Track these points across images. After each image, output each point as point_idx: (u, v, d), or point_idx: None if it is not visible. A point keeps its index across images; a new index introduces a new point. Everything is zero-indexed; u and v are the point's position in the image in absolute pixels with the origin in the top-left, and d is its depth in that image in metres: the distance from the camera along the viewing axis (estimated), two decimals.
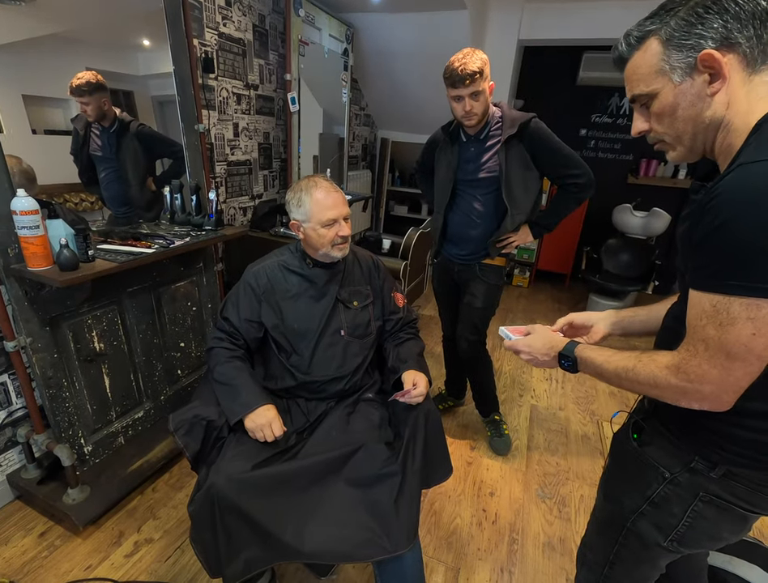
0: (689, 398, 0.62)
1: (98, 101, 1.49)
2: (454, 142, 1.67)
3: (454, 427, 2.09)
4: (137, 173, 1.69)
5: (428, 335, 3.03)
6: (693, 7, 0.58)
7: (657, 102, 0.65)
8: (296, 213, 1.19)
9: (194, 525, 1.02)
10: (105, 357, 1.58)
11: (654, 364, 0.65)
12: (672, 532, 0.75)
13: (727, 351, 0.56)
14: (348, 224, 1.21)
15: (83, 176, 1.56)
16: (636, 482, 0.79)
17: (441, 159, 1.73)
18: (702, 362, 0.59)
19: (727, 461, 0.67)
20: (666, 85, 0.63)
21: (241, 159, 2.40)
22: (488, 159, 1.60)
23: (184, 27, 1.70)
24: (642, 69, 0.65)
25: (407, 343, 1.34)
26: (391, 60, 3.22)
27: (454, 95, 1.50)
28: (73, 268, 1.24)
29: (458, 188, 1.70)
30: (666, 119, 0.66)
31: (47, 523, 1.48)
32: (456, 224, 1.75)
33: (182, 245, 1.58)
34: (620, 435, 0.86)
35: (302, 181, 1.20)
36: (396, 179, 4.32)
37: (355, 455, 1.08)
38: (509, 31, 3.19)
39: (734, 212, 0.53)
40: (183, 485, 1.67)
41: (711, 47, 0.58)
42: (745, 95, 0.60)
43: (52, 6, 1.43)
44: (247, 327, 1.23)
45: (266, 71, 2.45)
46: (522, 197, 1.62)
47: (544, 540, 1.53)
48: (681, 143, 0.68)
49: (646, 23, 0.63)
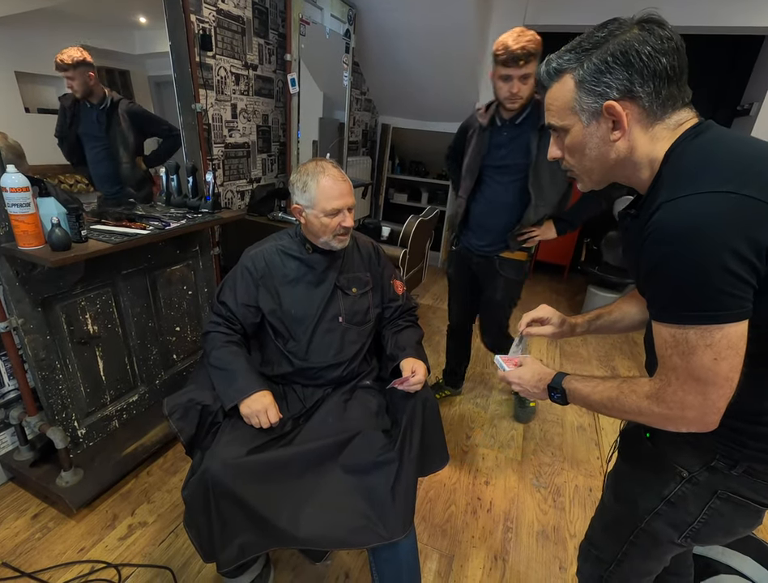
0: (676, 424, 0.63)
1: (83, 76, 1.45)
2: (488, 126, 1.61)
3: (450, 416, 2.09)
4: (126, 152, 1.65)
5: (425, 325, 3.02)
6: (604, 55, 0.60)
7: (569, 137, 0.68)
8: (300, 197, 1.15)
9: (188, 509, 1.01)
10: (99, 340, 1.56)
11: (635, 395, 0.65)
12: (687, 529, 0.74)
13: (696, 377, 0.58)
14: (352, 215, 1.18)
15: (72, 156, 1.52)
16: (651, 482, 0.77)
17: (473, 140, 1.68)
18: (677, 390, 0.60)
19: (748, 458, 0.67)
20: (576, 123, 0.66)
21: (239, 141, 2.35)
22: (519, 146, 1.55)
23: (181, 2, 1.64)
24: (558, 102, 0.67)
25: (406, 331, 1.32)
26: (394, 43, 3.15)
27: (503, 74, 1.43)
28: (65, 248, 1.21)
29: (484, 173, 1.65)
30: (576, 154, 0.69)
31: (40, 505, 1.47)
32: (478, 212, 1.71)
33: (178, 227, 1.55)
34: (629, 433, 0.84)
35: (309, 165, 1.16)
36: (396, 166, 4.27)
37: (351, 442, 1.07)
38: (514, 15, 3.11)
39: (667, 252, 0.56)
40: (177, 469, 1.66)
41: (615, 97, 0.61)
42: (648, 141, 0.63)
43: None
44: (244, 312, 1.21)
45: (266, 51, 2.39)
46: (548, 189, 1.57)
47: (538, 529, 1.54)
48: (590, 178, 0.71)
49: (565, 57, 0.64)
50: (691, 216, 0.54)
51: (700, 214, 0.54)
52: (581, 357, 2.80)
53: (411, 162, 4.37)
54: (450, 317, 2.06)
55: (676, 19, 2.75)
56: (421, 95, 3.62)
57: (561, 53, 0.65)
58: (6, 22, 1.33)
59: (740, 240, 0.52)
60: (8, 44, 1.34)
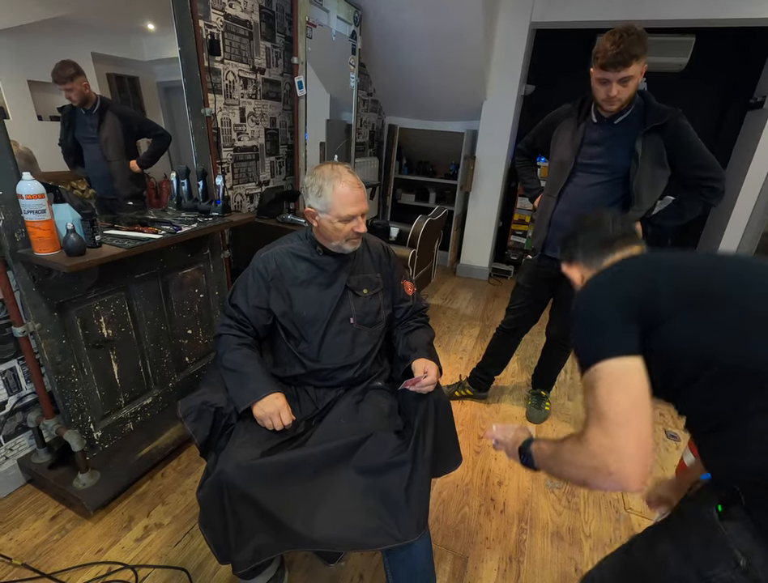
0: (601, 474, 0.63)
1: (80, 85, 1.50)
2: (581, 122, 1.57)
3: (462, 416, 2.08)
4: (118, 152, 1.70)
5: (435, 324, 3.01)
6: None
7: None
8: (315, 201, 1.14)
9: (203, 511, 1.02)
10: (113, 343, 1.57)
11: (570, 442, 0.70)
12: None
13: (599, 412, 0.64)
14: (364, 219, 1.18)
15: (68, 158, 1.56)
16: (697, 554, 0.66)
17: (562, 136, 1.62)
18: (592, 428, 0.65)
19: None
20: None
21: (248, 144, 2.37)
22: (617, 146, 1.50)
23: (190, 8, 1.66)
24: None
25: (417, 331, 1.32)
26: (400, 43, 3.15)
27: (599, 77, 1.38)
28: (80, 253, 1.23)
29: (575, 171, 1.59)
30: None
31: (58, 507, 1.49)
32: (561, 212, 1.64)
33: (189, 231, 1.57)
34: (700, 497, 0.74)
35: (325, 168, 1.14)
36: (404, 167, 4.26)
37: (364, 443, 1.07)
38: (521, 14, 3.10)
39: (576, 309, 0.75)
40: (192, 471, 1.67)
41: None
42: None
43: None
44: (256, 314, 1.22)
45: (273, 54, 2.40)
46: (647, 194, 1.51)
47: (552, 530, 1.52)
48: None
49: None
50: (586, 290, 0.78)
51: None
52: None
53: (419, 162, 4.36)
54: (506, 319, 2.00)
55: (687, 12, 2.72)
56: (428, 95, 3.62)
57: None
58: (20, 31, 1.35)
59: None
60: (21, 53, 1.37)
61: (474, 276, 4.02)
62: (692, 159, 1.46)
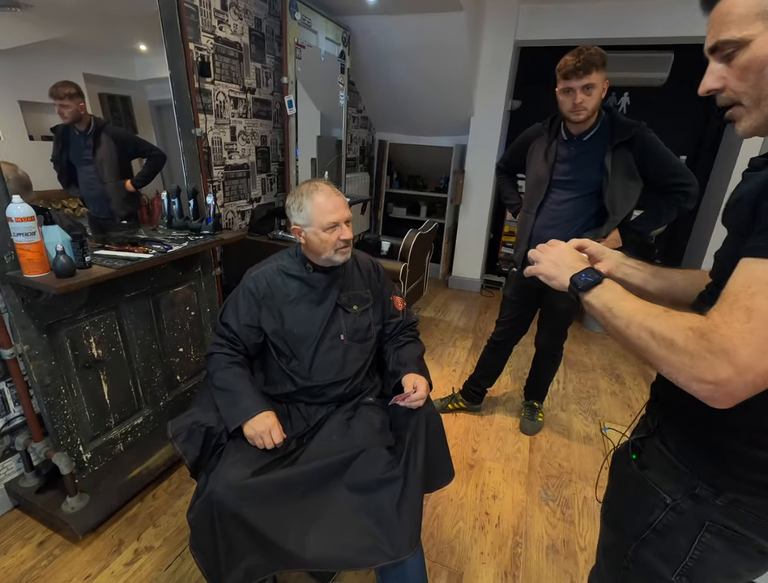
0: (697, 372, 0.51)
1: (77, 105, 1.52)
2: (552, 140, 1.64)
3: (455, 430, 2.08)
4: (113, 173, 1.71)
5: (428, 337, 3.02)
6: None
7: (748, 52, 0.54)
8: (298, 218, 1.18)
9: (193, 533, 1.01)
10: (103, 363, 1.57)
11: (680, 319, 0.54)
12: (680, 566, 0.68)
13: (762, 320, 0.47)
14: (350, 227, 1.20)
15: (62, 178, 1.58)
16: (637, 507, 0.72)
17: (535, 155, 1.69)
18: (735, 335, 0.48)
19: (733, 487, 0.62)
20: (763, 33, 0.53)
21: (239, 162, 2.39)
22: (588, 162, 1.57)
23: (180, 32, 1.70)
24: (739, 8, 0.54)
25: (407, 346, 1.33)
26: (388, 62, 3.22)
27: (564, 87, 1.46)
28: (70, 275, 1.23)
29: (550, 188, 1.66)
30: (752, 75, 0.55)
31: (46, 532, 1.47)
32: (540, 226, 1.70)
33: (180, 250, 1.57)
34: (620, 455, 0.81)
35: (303, 186, 1.19)
36: (395, 181, 4.31)
37: (356, 460, 1.07)
38: (505, 32, 3.19)
39: None
40: (183, 492, 1.65)
41: None
42: None
43: (47, 12, 1.42)
44: (247, 332, 1.22)
45: (263, 75, 2.45)
46: (621, 206, 1.58)
47: (547, 543, 1.52)
48: (760, 108, 0.56)
49: None
50: None
51: None
52: (584, 365, 2.79)
53: (410, 176, 4.41)
54: (496, 331, 2.03)
55: (664, 30, 2.81)
56: (417, 111, 3.69)
57: None
58: (12, 53, 1.37)
59: None
60: (12, 74, 1.38)
61: (466, 288, 4.05)
62: (663, 168, 1.53)
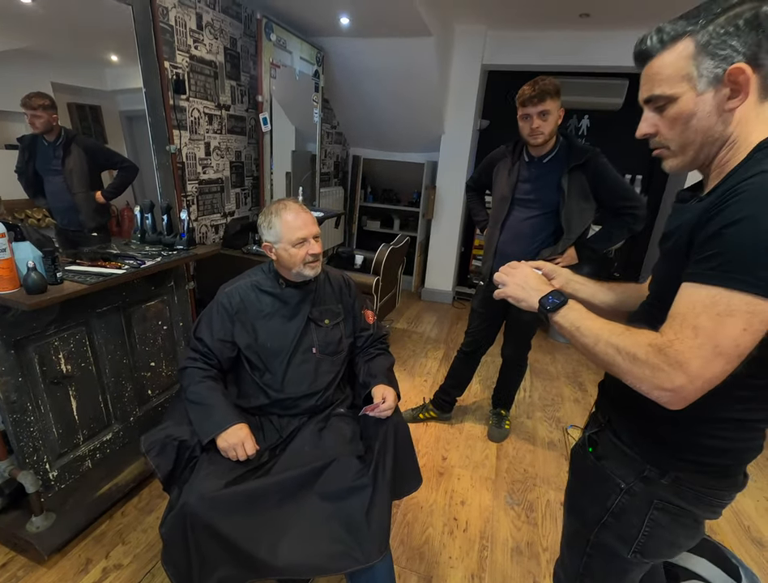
0: (658, 382, 0.59)
1: (49, 116, 1.53)
2: (515, 161, 1.76)
3: (426, 438, 2.14)
4: (83, 184, 1.72)
5: (401, 348, 3.08)
6: (733, 18, 0.58)
7: (675, 107, 0.63)
8: (268, 235, 1.23)
9: (165, 546, 1.03)
10: (72, 379, 1.55)
11: (640, 336, 0.62)
12: (634, 543, 0.77)
13: (716, 342, 0.55)
14: (319, 243, 1.26)
15: (28, 189, 1.57)
16: (596, 494, 0.81)
17: (500, 175, 1.82)
18: (686, 350, 0.56)
19: (675, 466, 0.71)
20: (688, 91, 0.62)
21: (213, 177, 2.42)
22: (547, 183, 1.69)
23: (155, 51, 1.73)
24: (669, 69, 0.63)
25: (378, 359, 1.38)
26: (361, 81, 3.32)
27: (522, 114, 1.60)
28: (41, 291, 1.23)
29: (513, 206, 1.78)
30: (679, 126, 0.64)
31: (8, 554, 1.43)
32: (504, 242, 1.83)
33: (153, 265, 1.59)
34: (577, 449, 0.90)
35: (272, 205, 1.25)
36: (369, 195, 4.40)
37: (327, 469, 1.11)
38: (472, 56, 3.35)
39: (755, 211, 0.54)
40: (153, 508, 1.64)
41: (741, 61, 0.58)
42: (755, 117, 0.61)
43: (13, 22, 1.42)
44: (220, 347, 1.25)
45: (238, 92, 2.49)
46: (577, 224, 1.71)
47: (512, 545, 1.59)
48: (685, 153, 0.66)
49: (681, 23, 0.61)
50: None
51: None
52: (549, 374, 2.91)
53: (383, 190, 4.51)
54: (465, 342, 2.11)
55: (618, 59, 3.02)
56: (389, 128, 3.80)
57: (676, 20, 0.62)
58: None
59: None
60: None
61: (438, 300, 4.15)
62: (614, 191, 1.67)
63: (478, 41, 3.29)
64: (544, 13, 2.82)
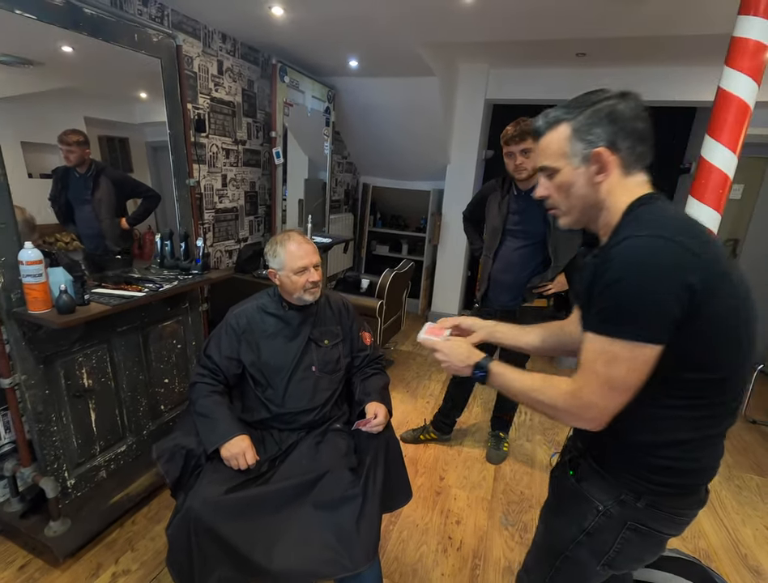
0: (576, 419, 0.76)
1: (82, 151, 1.70)
2: (504, 195, 1.90)
3: (425, 459, 2.20)
4: (109, 212, 1.87)
5: (405, 370, 3.16)
6: (597, 111, 0.74)
7: (559, 176, 0.80)
8: (273, 263, 1.36)
9: (170, 547, 1.12)
10: (93, 393, 1.68)
11: (556, 389, 0.77)
12: (604, 557, 0.84)
13: (611, 384, 0.70)
14: (318, 271, 1.38)
15: (60, 217, 1.73)
16: (573, 514, 0.86)
17: (492, 207, 1.96)
18: (591, 393, 0.72)
19: (649, 491, 0.77)
20: (567, 166, 0.78)
21: (228, 206, 2.59)
22: (534, 215, 1.81)
23: (179, 96, 1.92)
24: (553, 146, 0.79)
25: (373, 378, 1.48)
26: (370, 116, 3.52)
27: (506, 151, 1.75)
28: (70, 311, 1.37)
29: (504, 236, 1.91)
30: (563, 193, 0.81)
31: (27, 556, 1.53)
32: (497, 270, 1.95)
33: (170, 289, 1.73)
34: (557, 471, 0.96)
35: (278, 236, 1.38)
36: (378, 221, 4.56)
37: (321, 480, 1.20)
38: (476, 92, 3.53)
39: (623, 274, 0.67)
40: (161, 518, 1.73)
41: (602, 145, 0.74)
42: (622, 187, 0.77)
43: (56, 67, 1.60)
44: (227, 364, 1.37)
45: (254, 128, 2.69)
46: (563, 254, 1.82)
47: (504, 565, 1.62)
48: (571, 214, 0.84)
49: (562, 111, 0.78)
50: (645, 250, 0.67)
51: (654, 250, 0.66)
52: None
53: (392, 216, 4.67)
54: None
55: None
56: (397, 158, 3.99)
57: (559, 109, 0.78)
58: (20, 99, 1.53)
59: (680, 280, 0.64)
60: (16, 118, 1.52)
61: None
62: None
63: (481, 78, 3.47)
64: (543, 53, 2.98)
